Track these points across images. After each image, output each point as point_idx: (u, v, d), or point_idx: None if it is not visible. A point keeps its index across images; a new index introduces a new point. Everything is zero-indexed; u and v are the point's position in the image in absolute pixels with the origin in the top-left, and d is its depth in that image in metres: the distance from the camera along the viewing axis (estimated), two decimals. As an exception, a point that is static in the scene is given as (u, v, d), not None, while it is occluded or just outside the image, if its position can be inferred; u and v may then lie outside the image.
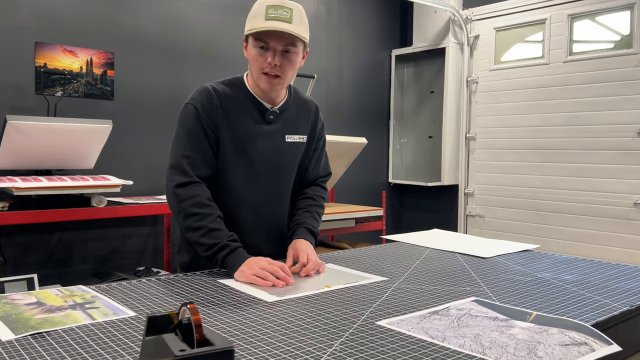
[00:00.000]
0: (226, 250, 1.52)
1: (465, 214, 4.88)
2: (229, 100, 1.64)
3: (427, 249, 1.97)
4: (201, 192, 1.58)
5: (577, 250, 4.07)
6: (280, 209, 1.76)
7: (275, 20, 1.52)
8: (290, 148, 1.73)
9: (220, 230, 1.55)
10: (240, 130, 1.64)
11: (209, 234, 1.53)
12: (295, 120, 1.75)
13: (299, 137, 1.76)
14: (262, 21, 1.53)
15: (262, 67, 1.57)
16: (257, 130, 1.66)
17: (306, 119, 1.79)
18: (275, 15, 1.52)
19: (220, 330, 1.08)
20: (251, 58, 1.60)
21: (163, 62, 3.72)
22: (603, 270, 1.65)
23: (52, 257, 3.32)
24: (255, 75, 1.61)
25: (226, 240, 1.53)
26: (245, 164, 1.65)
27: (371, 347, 0.99)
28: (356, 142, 3.89)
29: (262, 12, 1.53)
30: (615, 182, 3.95)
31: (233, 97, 1.65)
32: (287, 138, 1.72)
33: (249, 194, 1.67)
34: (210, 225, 1.54)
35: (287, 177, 1.75)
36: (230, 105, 1.64)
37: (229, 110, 1.63)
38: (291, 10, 1.55)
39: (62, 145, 2.89)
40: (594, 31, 4.12)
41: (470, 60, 4.81)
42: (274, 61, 1.56)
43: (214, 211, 1.57)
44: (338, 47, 4.87)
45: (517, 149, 4.49)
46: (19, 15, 3.18)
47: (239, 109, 1.65)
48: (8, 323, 1.10)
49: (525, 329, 1.08)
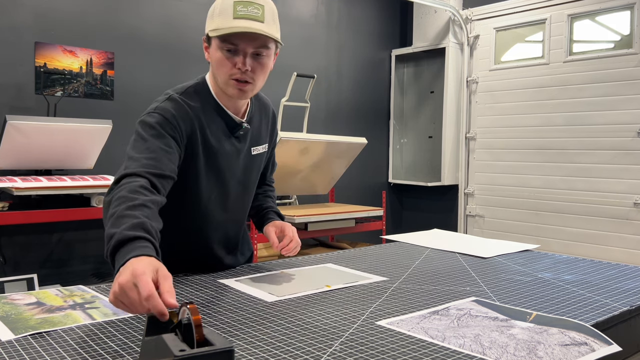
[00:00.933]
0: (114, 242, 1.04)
1: (465, 214, 4.88)
2: (201, 114, 1.43)
3: (427, 249, 1.97)
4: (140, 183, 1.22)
5: (577, 250, 4.07)
6: (242, 222, 1.69)
7: (245, 19, 1.32)
8: (256, 160, 1.60)
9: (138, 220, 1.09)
10: (213, 148, 1.46)
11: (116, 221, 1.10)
12: (259, 129, 1.59)
13: (262, 147, 1.61)
14: (229, 20, 1.32)
15: (231, 72, 1.37)
16: (228, 147, 1.49)
17: (266, 125, 1.63)
18: (245, 13, 1.32)
19: (220, 330, 1.08)
20: (216, 62, 1.39)
21: (163, 62, 3.72)
22: (603, 270, 1.65)
23: (52, 257, 3.32)
24: (222, 81, 1.40)
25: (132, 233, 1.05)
26: (218, 183, 1.51)
27: (371, 347, 0.99)
28: (356, 142, 3.89)
29: (229, 10, 1.33)
30: (615, 182, 3.95)
31: (202, 109, 1.44)
32: (253, 151, 1.57)
33: (219, 214, 1.56)
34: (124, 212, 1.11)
35: (252, 190, 1.65)
36: (203, 119, 1.44)
37: (203, 126, 1.43)
38: (262, 7, 1.35)
39: (62, 145, 2.89)
40: (594, 31, 4.12)
41: (470, 60, 4.81)
42: (244, 66, 1.36)
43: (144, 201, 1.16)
44: (338, 47, 4.87)
45: (517, 149, 4.49)
46: (19, 15, 3.18)
47: (210, 122, 1.45)
48: (8, 323, 1.09)
49: (525, 329, 1.08)
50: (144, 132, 1.34)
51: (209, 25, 1.39)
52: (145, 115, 1.39)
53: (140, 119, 1.38)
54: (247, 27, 1.32)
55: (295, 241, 1.55)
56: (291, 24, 4.46)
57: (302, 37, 4.57)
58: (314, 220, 3.47)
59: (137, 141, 1.33)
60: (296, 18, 4.56)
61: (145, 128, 1.35)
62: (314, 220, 3.48)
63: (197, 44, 3.92)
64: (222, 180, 1.51)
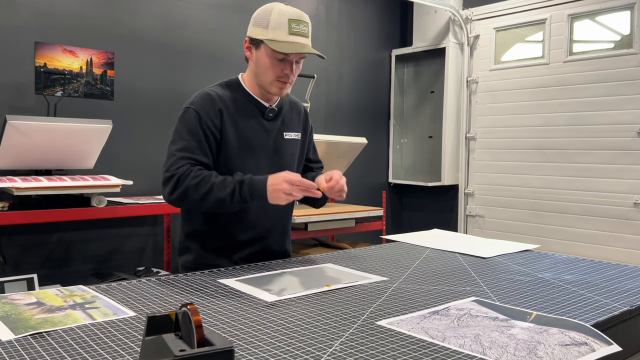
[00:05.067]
0: (244, 186, 1.56)
1: (465, 214, 4.88)
2: (230, 102, 1.70)
3: (427, 249, 1.97)
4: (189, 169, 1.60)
5: (577, 250, 4.07)
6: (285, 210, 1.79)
7: (298, 35, 1.62)
8: (289, 145, 1.80)
9: (226, 178, 1.59)
10: (245, 128, 1.70)
11: (221, 185, 1.57)
12: (290, 118, 1.83)
13: (295, 135, 1.83)
14: (285, 34, 1.61)
15: (279, 75, 1.66)
16: (260, 127, 1.73)
17: (298, 118, 1.86)
18: (298, 31, 1.62)
19: (220, 331, 1.08)
20: (265, 65, 1.66)
21: (163, 62, 3.72)
22: (603, 270, 1.65)
23: (52, 257, 3.32)
24: (267, 81, 1.68)
25: (237, 178, 1.58)
26: (251, 160, 1.70)
27: (371, 347, 0.99)
28: (356, 142, 3.89)
29: (284, 25, 1.60)
30: (615, 182, 3.95)
31: (232, 98, 1.71)
32: (285, 135, 1.79)
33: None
34: (216, 180, 1.57)
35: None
36: (232, 106, 1.69)
37: (231, 111, 1.69)
38: (308, 25, 1.66)
39: (62, 145, 2.89)
40: (594, 31, 4.12)
41: (470, 60, 4.81)
42: (292, 72, 1.66)
43: (209, 171, 1.61)
44: (338, 47, 4.87)
45: (517, 149, 4.49)
46: (19, 15, 3.18)
47: (240, 108, 1.71)
48: (8, 323, 1.10)
49: (525, 329, 1.08)
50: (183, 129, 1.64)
51: (262, 33, 1.64)
52: (183, 110, 1.68)
53: (180, 114, 1.68)
54: (302, 44, 1.63)
55: (340, 184, 1.65)
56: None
57: (302, 37, 4.56)
58: (314, 220, 3.47)
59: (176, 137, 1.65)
60: (296, 18, 4.55)
61: (182, 125, 1.65)
62: (314, 220, 3.48)
63: (197, 44, 3.93)
64: (255, 156, 1.71)
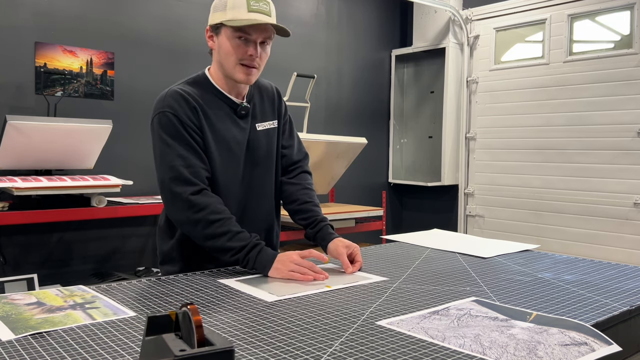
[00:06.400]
0: (257, 249, 1.53)
1: (465, 214, 4.88)
2: (201, 100, 1.62)
3: (427, 249, 1.97)
4: (214, 198, 1.57)
5: (577, 250, 4.07)
6: (265, 199, 1.77)
7: (258, 12, 1.55)
8: (263, 136, 1.74)
9: (244, 232, 1.55)
10: (220, 127, 1.64)
11: (236, 236, 1.53)
12: (262, 107, 1.76)
13: (269, 123, 1.76)
14: (244, 12, 1.54)
15: (242, 58, 1.58)
16: (233, 124, 1.67)
17: (271, 104, 1.79)
18: (258, 8, 1.55)
19: (220, 331, 1.08)
20: (227, 49, 1.58)
21: (163, 62, 3.72)
22: (603, 270, 1.65)
23: (52, 257, 3.32)
24: (230, 66, 1.60)
25: (255, 239, 1.55)
26: (230, 160, 1.66)
27: (371, 347, 0.99)
28: (356, 142, 3.89)
29: (243, 4, 1.54)
30: (615, 182, 3.95)
31: (202, 96, 1.64)
32: (258, 127, 1.73)
33: (237, 189, 1.68)
34: (235, 229, 1.54)
35: (266, 166, 1.75)
36: (205, 105, 1.63)
37: (205, 110, 1.62)
38: (269, 4, 1.59)
39: (62, 145, 2.89)
40: (594, 31, 4.11)
41: (470, 60, 4.81)
42: (256, 53, 1.58)
43: (231, 215, 1.57)
44: (338, 47, 4.86)
45: (517, 149, 4.49)
46: (19, 15, 3.19)
47: (212, 107, 1.64)
48: (8, 323, 1.10)
49: (525, 329, 1.08)
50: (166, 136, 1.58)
51: (221, 16, 1.57)
52: (157, 115, 1.60)
53: (155, 121, 1.60)
54: (262, 20, 1.55)
55: (360, 263, 1.63)
56: (291, 24, 4.46)
57: (302, 37, 4.57)
58: (314, 220, 3.47)
59: (163, 148, 1.59)
60: (296, 18, 4.56)
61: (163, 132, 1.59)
62: (314, 220, 3.47)
63: (197, 44, 3.93)
64: (232, 155, 1.66)
